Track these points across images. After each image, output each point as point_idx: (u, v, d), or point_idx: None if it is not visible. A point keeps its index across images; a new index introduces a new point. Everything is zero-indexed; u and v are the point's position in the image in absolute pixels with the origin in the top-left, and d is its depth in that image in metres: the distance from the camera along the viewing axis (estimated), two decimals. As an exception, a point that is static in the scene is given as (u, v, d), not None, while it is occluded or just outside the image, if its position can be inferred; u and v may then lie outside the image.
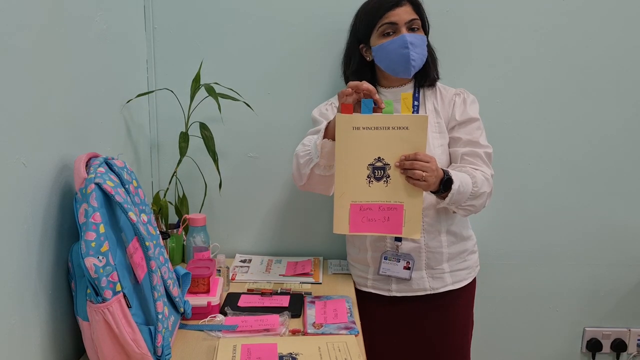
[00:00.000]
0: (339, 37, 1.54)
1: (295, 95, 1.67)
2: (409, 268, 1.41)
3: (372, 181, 1.21)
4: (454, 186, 1.24)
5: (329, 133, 1.24)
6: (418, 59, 1.35)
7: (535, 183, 1.76)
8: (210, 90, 1.46)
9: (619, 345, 1.87)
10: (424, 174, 1.17)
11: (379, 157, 1.20)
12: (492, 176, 1.37)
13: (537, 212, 1.78)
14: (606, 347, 1.87)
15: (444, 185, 1.24)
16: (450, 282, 1.45)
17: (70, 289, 1.02)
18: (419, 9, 1.38)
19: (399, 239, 1.42)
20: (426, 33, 1.41)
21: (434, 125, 1.41)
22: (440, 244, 1.43)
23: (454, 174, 1.26)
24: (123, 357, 0.96)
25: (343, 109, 1.17)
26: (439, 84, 1.47)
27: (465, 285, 1.48)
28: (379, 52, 1.37)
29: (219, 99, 1.45)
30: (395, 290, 1.45)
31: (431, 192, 1.26)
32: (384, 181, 1.21)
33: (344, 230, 1.24)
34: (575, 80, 1.70)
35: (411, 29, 1.35)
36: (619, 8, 1.65)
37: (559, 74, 1.69)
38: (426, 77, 1.43)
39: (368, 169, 1.21)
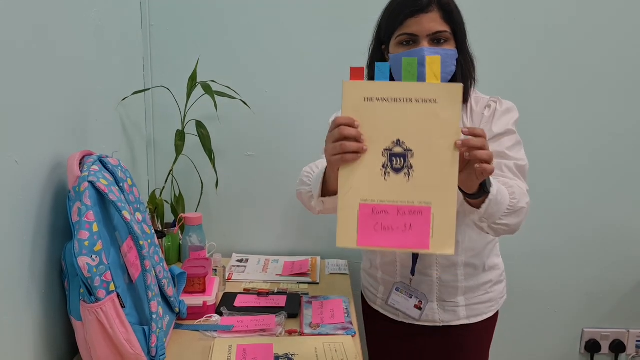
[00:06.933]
0: (337, 34, 1.53)
1: (293, 93, 1.66)
2: (420, 308, 1.25)
3: (388, 172, 0.88)
4: (493, 190, 0.98)
5: (328, 188, 1.07)
6: None
7: (533, 184, 1.73)
8: (207, 88, 1.45)
9: (617, 347, 1.86)
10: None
11: (398, 140, 0.88)
12: (528, 192, 1.14)
13: (535, 213, 1.75)
14: (605, 348, 1.87)
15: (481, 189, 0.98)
16: (465, 316, 1.26)
17: (64, 288, 1.01)
18: (450, 17, 1.11)
19: (412, 272, 1.24)
20: (459, 44, 1.14)
21: None
22: (455, 277, 1.24)
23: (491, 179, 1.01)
24: (117, 358, 0.95)
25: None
26: (472, 93, 1.24)
27: (484, 320, 1.28)
28: (394, 62, 1.14)
29: (216, 96, 1.44)
30: (403, 318, 1.29)
31: (467, 194, 0.99)
32: (405, 174, 0.88)
33: (351, 242, 0.91)
34: (576, 80, 1.69)
35: (436, 41, 1.11)
36: (620, 8, 1.64)
37: (559, 74, 1.68)
38: None
39: (384, 156, 0.88)
